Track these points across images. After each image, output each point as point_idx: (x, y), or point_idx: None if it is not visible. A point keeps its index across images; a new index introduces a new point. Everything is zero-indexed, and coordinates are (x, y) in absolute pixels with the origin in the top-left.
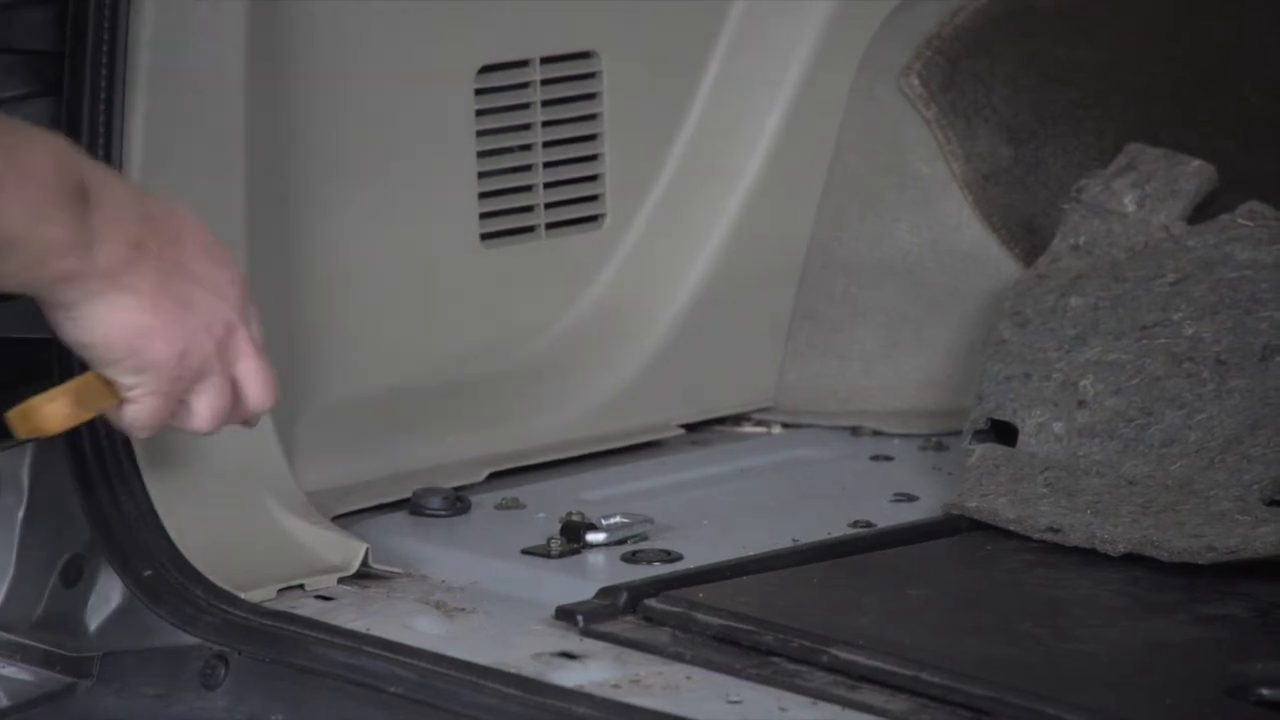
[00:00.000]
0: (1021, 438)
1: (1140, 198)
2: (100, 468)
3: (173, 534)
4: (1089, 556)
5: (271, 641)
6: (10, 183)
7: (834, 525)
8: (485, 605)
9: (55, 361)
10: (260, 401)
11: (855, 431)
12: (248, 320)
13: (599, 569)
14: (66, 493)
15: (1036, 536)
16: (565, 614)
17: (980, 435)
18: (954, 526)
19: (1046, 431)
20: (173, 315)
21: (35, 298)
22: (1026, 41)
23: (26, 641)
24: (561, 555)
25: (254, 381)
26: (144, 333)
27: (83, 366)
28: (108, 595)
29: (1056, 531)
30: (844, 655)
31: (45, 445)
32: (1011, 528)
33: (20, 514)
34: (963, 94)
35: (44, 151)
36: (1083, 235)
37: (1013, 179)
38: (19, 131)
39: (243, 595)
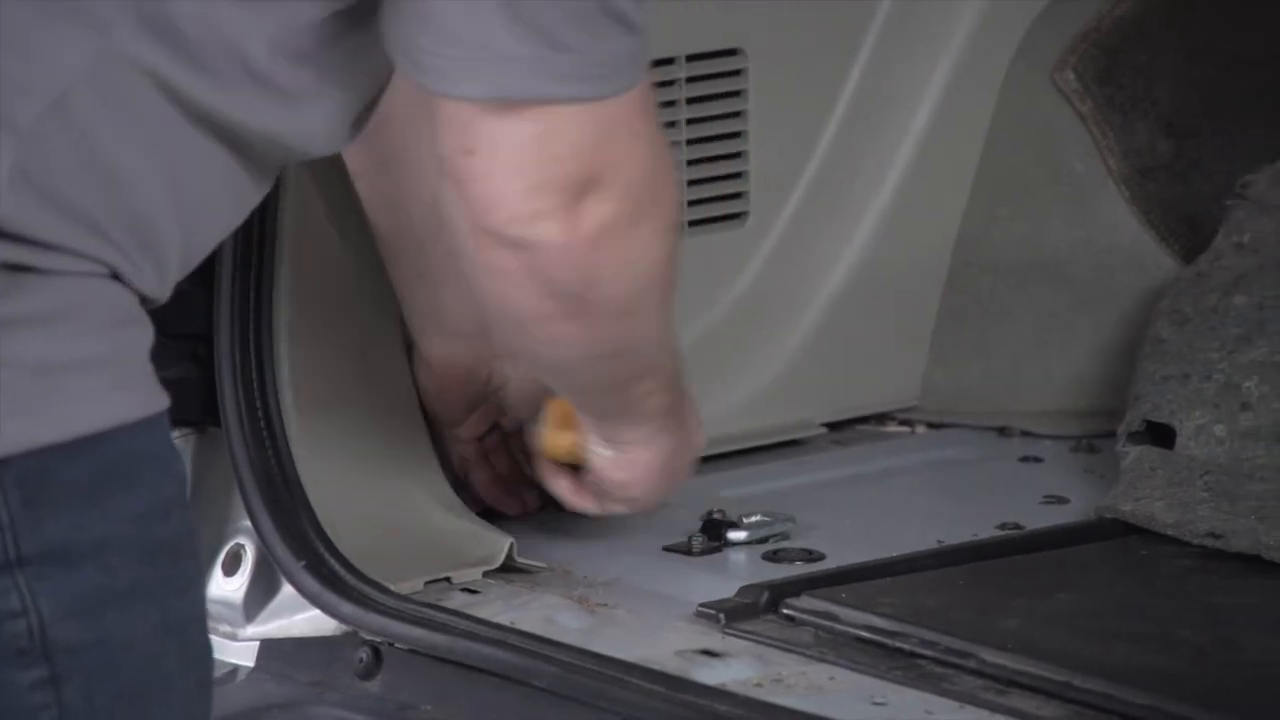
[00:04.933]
0: (1180, 440)
1: None
2: (259, 463)
3: (326, 527)
4: (1252, 564)
5: (421, 633)
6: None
7: (981, 527)
8: (627, 601)
9: None
10: None
11: (1003, 432)
12: None
13: (740, 567)
14: (227, 486)
15: (1196, 542)
16: (706, 611)
17: (1135, 437)
18: (1107, 530)
19: (1207, 434)
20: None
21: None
22: (1189, 33)
23: None
24: (703, 553)
25: None
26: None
27: None
28: (266, 585)
29: (1218, 537)
30: (992, 659)
31: (207, 442)
32: (1169, 532)
33: None
34: (1120, 88)
35: None
36: (1248, 232)
37: (1173, 174)
38: None
39: (392, 587)
